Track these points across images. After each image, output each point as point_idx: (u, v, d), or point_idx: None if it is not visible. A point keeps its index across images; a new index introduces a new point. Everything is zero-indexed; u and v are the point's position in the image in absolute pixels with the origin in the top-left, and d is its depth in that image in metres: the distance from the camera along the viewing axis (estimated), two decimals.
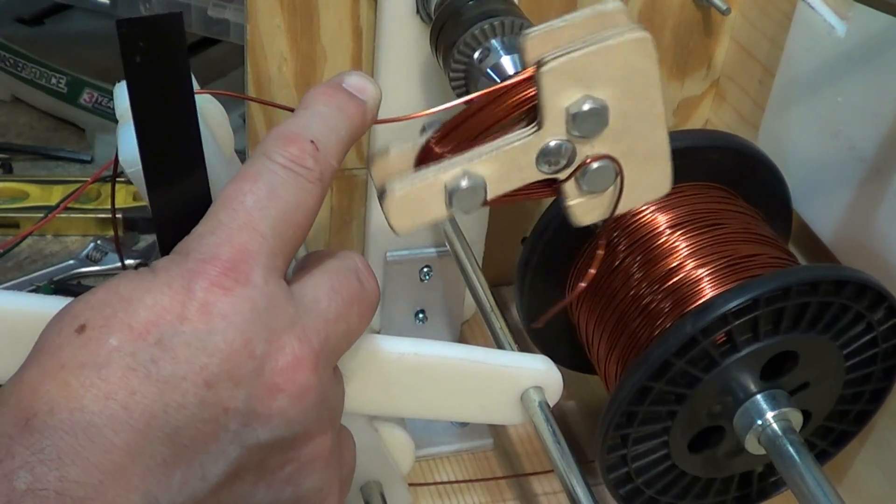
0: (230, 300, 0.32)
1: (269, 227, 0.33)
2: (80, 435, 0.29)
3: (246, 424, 0.32)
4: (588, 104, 0.37)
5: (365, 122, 0.37)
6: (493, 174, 0.38)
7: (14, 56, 0.92)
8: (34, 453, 0.29)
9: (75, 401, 0.30)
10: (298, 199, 0.34)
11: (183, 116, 0.34)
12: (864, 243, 0.54)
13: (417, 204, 0.38)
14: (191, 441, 0.31)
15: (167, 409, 0.30)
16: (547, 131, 0.38)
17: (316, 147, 0.35)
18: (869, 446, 0.57)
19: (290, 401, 0.33)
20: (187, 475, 0.31)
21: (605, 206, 0.40)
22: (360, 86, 0.38)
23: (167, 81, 0.33)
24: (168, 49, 0.32)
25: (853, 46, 0.54)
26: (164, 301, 0.31)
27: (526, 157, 0.38)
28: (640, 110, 0.39)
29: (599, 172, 0.39)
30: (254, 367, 0.32)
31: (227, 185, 0.34)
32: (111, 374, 0.30)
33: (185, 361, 0.31)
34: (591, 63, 0.37)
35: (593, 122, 0.38)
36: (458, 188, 0.37)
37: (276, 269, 0.33)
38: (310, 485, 0.35)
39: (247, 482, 0.33)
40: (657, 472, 0.52)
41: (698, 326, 0.47)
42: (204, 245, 0.33)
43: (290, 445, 0.34)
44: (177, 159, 0.35)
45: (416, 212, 0.38)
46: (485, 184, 0.38)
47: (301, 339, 0.33)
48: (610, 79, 0.38)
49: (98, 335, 0.31)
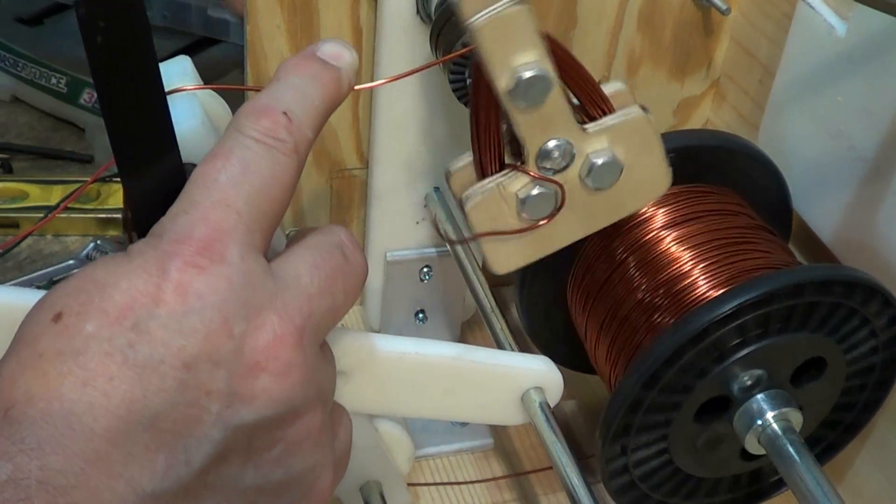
0: (205, 279, 0.31)
1: (243, 203, 0.33)
2: (60, 423, 0.29)
3: (228, 406, 0.31)
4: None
5: (341, 90, 0.37)
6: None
7: (14, 56, 0.92)
8: (14, 443, 0.29)
9: (53, 389, 0.29)
10: (273, 172, 0.33)
11: (151, 96, 0.33)
12: (864, 243, 0.54)
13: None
14: (173, 425, 0.30)
15: (147, 394, 0.30)
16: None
17: (289, 118, 0.34)
18: (869, 446, 0.57)
19: (273, 379, 0.32)
20: (171, 460, 0.30)
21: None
22: (335, 53, 0.37)
23: (131, 61, 0.32)
24: (130, 27, 0.31)
25: (853, 46, 0.54)
26: (139, 284, 0.31)
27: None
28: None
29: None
30: (233, 347, 0.31)
31: (200, 164, 0.33)
32: (88, 361, 0.30)
33: (163, 344, 0.30)
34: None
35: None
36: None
37: (253, 246, 0.33)
38: (300, 465, 0.34)
39: (234, 464, 0.32)
40: (658, 473, 0.52)
41: (699, 325, 0.47)
42: (177, 225, 0.32)
43: (277, 425, 0.33)
44: (148, 141, 0.34)
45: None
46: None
47: (282, 315, 0.32)
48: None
49: (74, 322, 0.30)
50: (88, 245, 0.79)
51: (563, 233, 0.45)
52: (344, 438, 0.38)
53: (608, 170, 0.44)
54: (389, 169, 0.59)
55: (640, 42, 0.65)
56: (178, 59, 0.45)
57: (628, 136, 0.43)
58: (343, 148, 0.62)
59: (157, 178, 0.34)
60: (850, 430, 0.55)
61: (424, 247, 0.62)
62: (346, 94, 0.37)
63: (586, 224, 0.46)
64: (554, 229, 0.45)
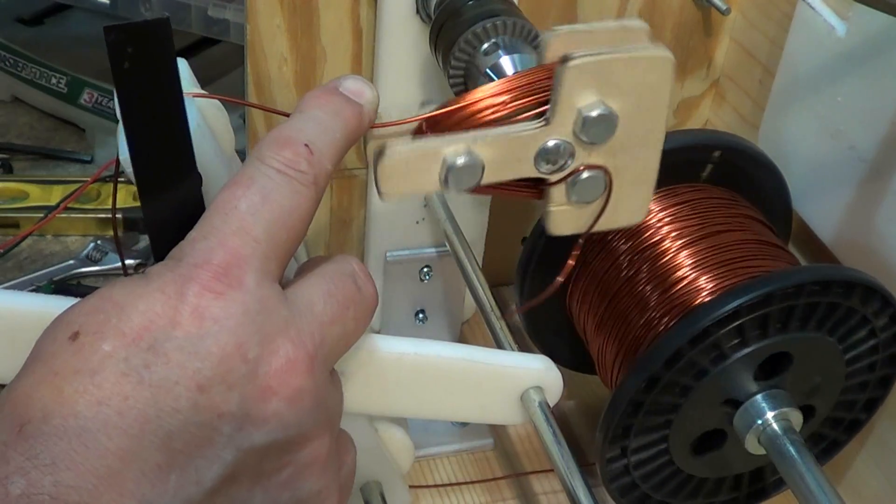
0: (222, 304, 0.32)
1: (262, 232, 0.33)
2: (74, 440, 0.29)
3: (240, 428, 0.32)
4: (600, 109, 0.37)
5: (361, 126, 0.37)
6: (493, 159, 0.38)
7: (14, 56, 0.92)
8: (28, 459, 0.29)
9: (69, 407, 0.30)
10: (292, 203, 0.34)
11: (173, 121, 0.34)
12: (864, 243, 0.54)
13: (413, 171, 0.37)
14: (185, 445, 0.31)
15: (161, 414, 0.30)
16: (553, 128, 0.37)
17: (310, 150, 0.35)
18: (869, 446, 0.57)
19: (284, 404, 0.33)
20: (182, 479, 0.31)
21: (583, 219, 0.40)
22: (357, 89, 0.38)
23: (156, 87, 0.33)
24: (156, 54, 0.32)
25: (853, 46, 0.54)
26: (157, 306, 0.31)
27: (527, 151, 0.38)
28: (644, 130, 0.39)
29: (590, 183, 0.39)
30: (247, 371, 0.32)
31: (221, 191, 0.34)
32: (104, 380, 0.30)
33: (178, 366, 0.31)
34: (615, 70, 0.37)
35: (601, 128, 0.37)
36: (456, 164, 0.37)
37: (269, 273, 0.33)
38: (308, 488, 0.35)
39: (243, 486, 0.33)
40: (659, 473, 0.52)
41: (703, 323, 0.47)
42: (196, 250, 0.33)
43: (287, 449, 0.34)
44: (168, 165, 0.34)
45: (409, 179, 0.37)
46: (483, 166, 0.37)
47: (295, 341, 0.33)
48: (627, 90, 0.37)
49: (91, 341, 0.31)
50: (88, 245, 0.79)
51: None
52: (349, 464, 0.39)
53: (603, 121, 0.39)
54: None
55: None
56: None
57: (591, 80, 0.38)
58: None
59: (176, 200, 0.35)
60: (850, 429, 0.55)
61: (424, 247, 0.62)
62: (365, 130, 0.38)
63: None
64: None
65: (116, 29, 0.31)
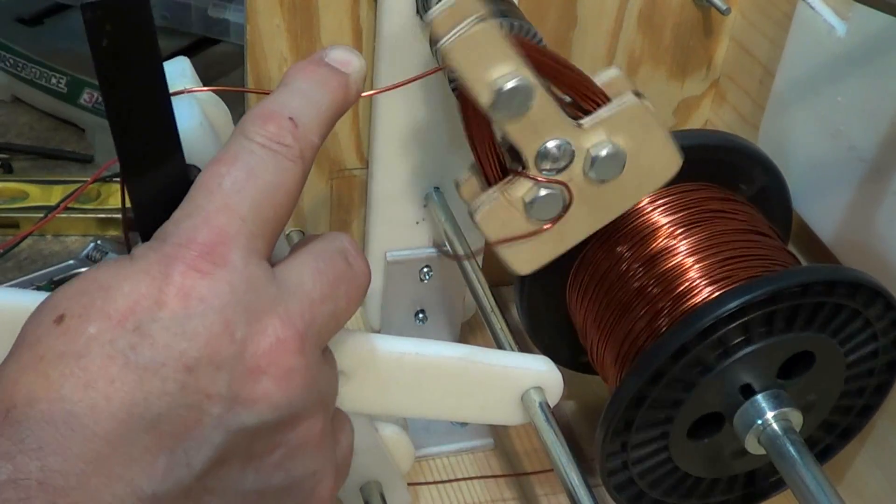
0: (208, 283, 0.31)
1: (247, 209, 0.33)
2: (61, 425, 0.29)
3: (229, 409, 0.31)
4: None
5: (348, 96, 0.37)
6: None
7: (14, 56, 0.92)
8: (14, 444, 0.29)
9: (55, 391, 0.29)
10: (278, 178, 0.33)
11: (156, 99, 0.33)
12: (864, 243, 0.54)
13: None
14: (173, 428, 0.30)
15: (148, 397, 0.30)
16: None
17: (295, 124, 0.34)
18: (869, 446, 0.57)
19: (274, 384, 0.32)
20: (171, 462, 0.30)
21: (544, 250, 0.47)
22: (344, 59, 0.37)
23: (137, 64, 0.32)
24: (136, 31, 0.32)
25: (853, 46, 0.54)
26: (142, 287, 0.31)
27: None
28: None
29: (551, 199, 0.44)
30: (235, 351, 0.31)
31: (205, 168, 0.33)
32: (90, 363, 0.30)
33: (164, 347, 0.30)
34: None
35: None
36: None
37: (256, 251, 0.33)
38: (301, 469, 0.34)
39: (234, 468, 0.32)
40: (656, 470, 0.52)
41: (700, 326, 0.47)
42: (181, 229, 0.32)
43: (278, 429, 0.33)
44: (152, 144, 0.34)
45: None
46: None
47: (284, 320, 0.32)
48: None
49: (76, 324, 0.31)
50: (88, 245, 0.79)
51: (578, 227, 0.46)
52: (345, 444, 0.38)
53: (611, 161, 0.44)
54: (389, 169, 0.59)
55: (640, 42, 0.65)
56: (177, 60, 0.45)
57: (625, 124, 0.43)
58: (343, 148, 0.62)
59: (161, 181, 0.34)
60: (847, 434, 0.55)
61: (424, 247, 0.62)
62: (353, 101, 0.37)
63: (601, 215, 0.46)
64: (569, 225, 0.45)
65: (93, 6, 0.30)
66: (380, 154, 0.58)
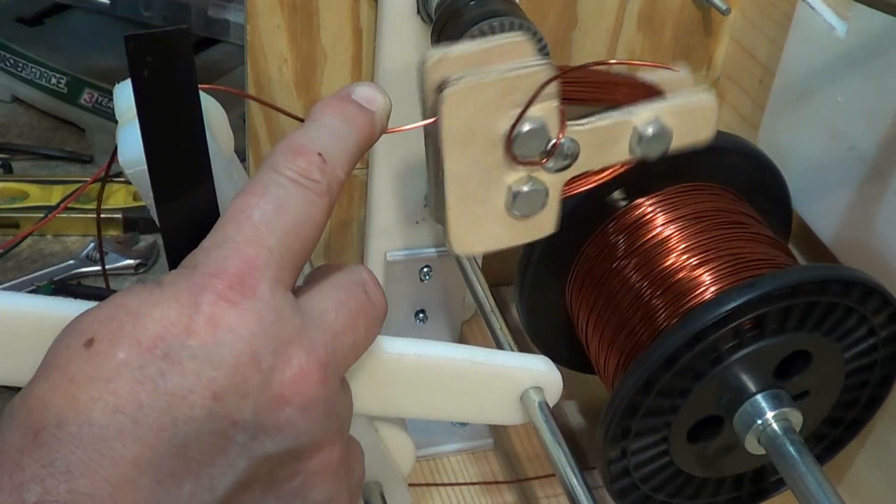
0: (237, 313, 0.32)
1: (276, 241, 0.33)
2: (90, 448, 0.29)
3: (254, 437, 0.32)
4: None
5: (374, 133, 0.37)
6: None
7: (14, 56, 0.92)
8: (44, 466, 0.29)
9: (84, 414, 0.30)
10: (306, 212, 0.34)
11: (191, 130, 0.34)
12: (864, 243, 0.54)
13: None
14: (199, 453, 0.31)
15: (175, 422, 0.30)
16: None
17: (324, 160, 0.35)
18: (869, 446, 0.57)
19: (297, 413, 0.33)
20: (196, 487, 0.31)
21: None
22: (370, 96, 0.37)
23: (175, 96, 0.33)
24: (176, 63, 0.32)
25: (853, 46, 0.54)
26: (172, 315, 0.31)
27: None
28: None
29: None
30: (261, 380, 0.32)
31: (235, 199, 0.34)
32: (119, 388, 0.30)
33: (193, 374, 0.31)
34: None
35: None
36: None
37: (283, 283, 0.33)
38: (319, 496, 0.35)
39: (255, 494, 0.33)
40: (659, 474, 0.52)
41: (699, 326, 0.47)
42: (211, 259, 0.33)
43: (299, 457, 0.34)
44: (185, 173, 0.35)
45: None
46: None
47: (308, 351, 0.33)
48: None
49: (106, 349, 0.31)
50: (88, 245, 0.79)
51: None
52: (358, 471, 0.39)
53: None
54: (389, 169, 0.59)
55: (640, 42, 0.65)
56: None
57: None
58: None
59: (190, 208, 0.35)
60: (852, 427, 0.55)
61: (424, 247, 0.62)
62: (377, 138, 0.38)
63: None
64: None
65: (137, 38, 0.31)
66: (380, 154, 0.59)
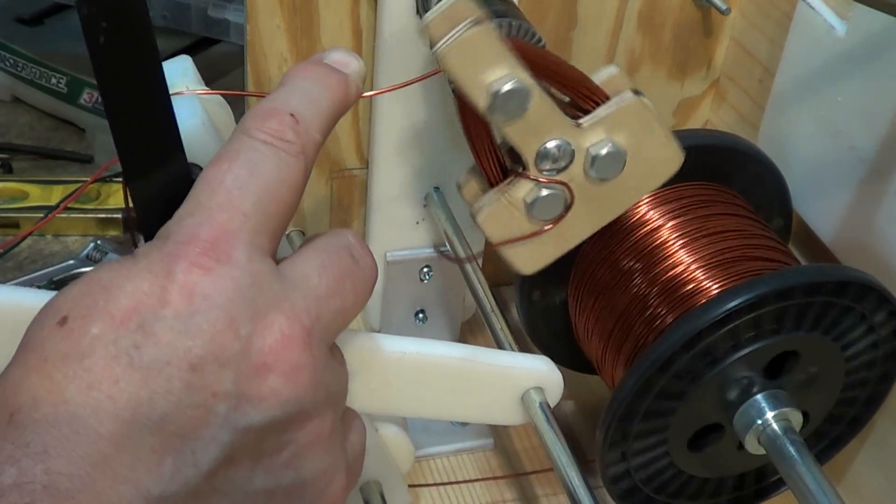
0: (211, 280, 0.31)
1: (250, 205, 0.32)
2: (65, 427, 0.29)
3: (236, 407, 0.31)
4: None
5: (348, 95, 0.37)
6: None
7: (14, 56, 0.92)
8: (19, 447, 0.28)
9: (58, 393, 0.29)
10: (281, 174, 0.33)
11: (155, 97, 0.33)
12: (864, 243, 0.54)
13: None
14: (179, 427, 0.30)
15: (153, 396, 0.30)
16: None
17: (296, 120, 0.34)
18: (869, 446, 0.57)
19: (281, 380, 0.32)
20: (179, 463, 0.30)
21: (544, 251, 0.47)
22: (343, 60, 0.37)
23: (134, 61, 0.32)
24: (132, 27, 0.31)
25: (853, 46, 0.54)
26: (145, 286, 0.31)
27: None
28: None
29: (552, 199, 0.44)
30: (240, 348, 0.31)
31: (207, 166, 0.33)
32: (94, 364, 0.30)
33: (168, 345, 0.30)
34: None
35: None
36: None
37: (260, 248, 0.33)
38: (311, 468, 0.34)
39: (243, 467, 0.32)
40: (660, 475, 0.52)
41: (699, 325, 0.47)
42: (183, 227, 0.32)
43: (286, 427, 0.33)
44: (153, 143, 0.34)
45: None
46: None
47: (289, 316, 0.32)
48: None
49: (79, 325, 0.30)
50: (88, 245, 0.79)
51: (580, 226, 0.46)
52: (357, 442, 0.38)
53: (612, 159, 0.44)
54: (389, 169, 0.59)
55: (640, 42, 0.65)
56: (179, 59, 0.45)
57: (624, 122, 0.43)
58: (343, 148, 0.62)
59: (162, 180, 0.34)
60: (853, 426, 0.55)
61: (424, 247, 0.62)
62: (353, 100, 0.37)
63: (603, 214, 0.46)
64: (570, 224, 0.45)
65: (89, 2, 0.30)
66: (380, 154, 0.59)
